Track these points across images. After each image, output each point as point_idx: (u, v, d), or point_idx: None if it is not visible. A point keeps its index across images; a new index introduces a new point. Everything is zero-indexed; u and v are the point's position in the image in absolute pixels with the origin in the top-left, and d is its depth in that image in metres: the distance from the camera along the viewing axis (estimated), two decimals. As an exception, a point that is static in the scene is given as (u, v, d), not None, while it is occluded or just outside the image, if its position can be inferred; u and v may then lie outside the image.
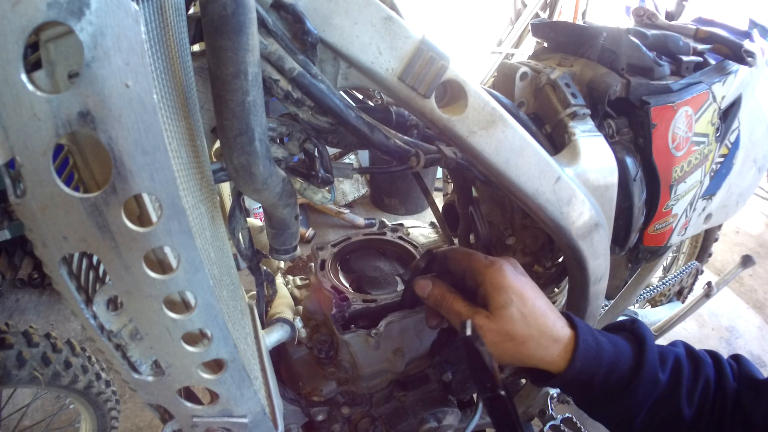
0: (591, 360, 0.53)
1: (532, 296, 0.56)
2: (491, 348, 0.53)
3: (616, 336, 0.57)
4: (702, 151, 0.81)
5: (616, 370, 0.53)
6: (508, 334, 0.54)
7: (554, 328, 0.55)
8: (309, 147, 0.54)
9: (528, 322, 0.54)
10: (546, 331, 0.54)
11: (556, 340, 0.54)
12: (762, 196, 3.41)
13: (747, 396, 0.52)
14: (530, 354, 0.54)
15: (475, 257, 0.60)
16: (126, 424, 1.65)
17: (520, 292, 0.55)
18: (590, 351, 0.53)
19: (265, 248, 0.75)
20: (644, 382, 0.52)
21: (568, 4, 3.37)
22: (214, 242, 0.44)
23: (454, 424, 0.87)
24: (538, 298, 0.57)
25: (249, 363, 0.45)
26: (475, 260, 0.59)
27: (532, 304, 0.55)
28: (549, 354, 0.54)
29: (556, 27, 0.82)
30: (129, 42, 0.24)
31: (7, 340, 1.11)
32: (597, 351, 0.53)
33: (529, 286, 0.57)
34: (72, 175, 0.35)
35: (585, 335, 0.54)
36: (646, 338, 0.55)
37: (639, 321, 0.59)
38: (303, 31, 0.44)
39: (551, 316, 0.56)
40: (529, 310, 0.54)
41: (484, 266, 0.57)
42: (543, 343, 0.54)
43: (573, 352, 0.53)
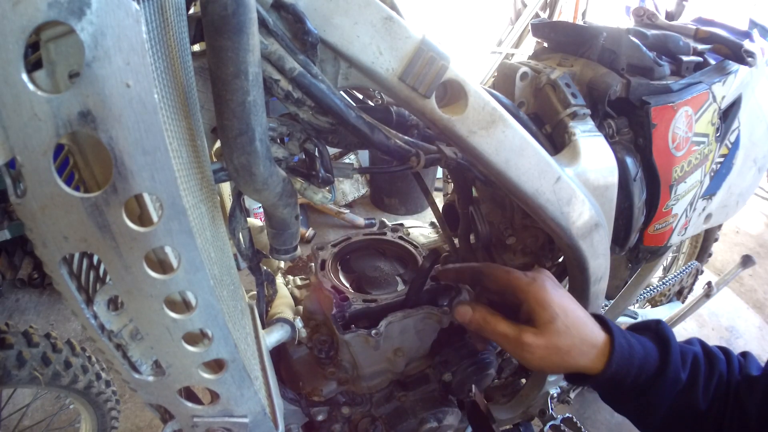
0: (625, 362, 0.56)
1: (572, 307, 0.58)
2: (539, 362, 0.57)
3: (642, 337, 0.60)
4: (702, 151, 0.81)
5: (644, 370, 0.57)
6: (555, 347, 0.56)
7: (592, 334, 0.58)
8: (309, 147, 0.54)
9: (571, 333, 0.56)
10: (586, 339, 0.57)
11: (594, 346, 0.57)
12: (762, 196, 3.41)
13: (744, 389, 0.56)
14: (574, 362, 0.57)
15: (515, 275, 0.61)
16: (126, 424, 1.65)
17: (562, 306, 0.57)
18: (624, 353, 0.57)
19: (265, 248, 0.76)
20: (668, 380, 0.56)
21: (568, 4, 3.37)
22: (215, 242, 0.44)
23: (454, 424, 0.87)
24: (577, 308, 0.59)
25: (249, 363, 0.45)
26: (516, 278, 0.60)
27: (574, 314, 0.57)
28: (589, 359, 0.57)
29: (556, 27, 0.82)
30: (130, 42, 0.24)
31: (7, 340, 1.11)
32: (630, 353, 0.57)
33: (567, 297, 0.60)
34: (72, 175, 0.35)
35: (619, 339, 0.57)
36: (671, 339, 0.58)
37: (663, 322, 0.62)
38: (303, 31, 0.44)
39: (589, 323, 0.58)
40: (571, 321, 0.57)
41: (526, 284, 0.59)
42: (584, 350, 0.57)
43: (609, 355, 0.56)
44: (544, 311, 0.57)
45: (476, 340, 0.69)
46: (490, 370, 0.87)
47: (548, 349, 0.56)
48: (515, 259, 0.85)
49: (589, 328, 0.58)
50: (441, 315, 0.78)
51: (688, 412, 0.57)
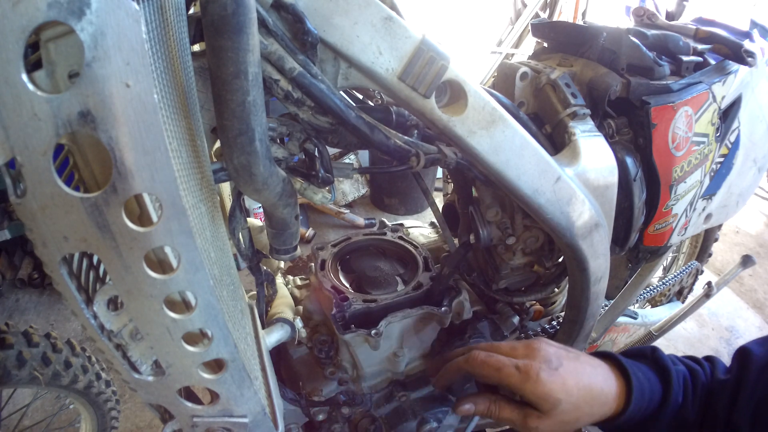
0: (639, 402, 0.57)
1: (574, 382, 0.56)
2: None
3: (644, 367, 0.60)
4: (702, 151, 0.81)
5: (651, 403, 0.58)
6: (563, 423, 0.57)
7: (602, 394, 0.57)
8: (309, 147, 0.54)
9: (579, 406, 0.56)
10: (596, 403, 0.57)
11: (605, 403, 0.57)
12: (762, 196, 3.41)
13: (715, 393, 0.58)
14: (585, 423, 0.58)
15: (505, 372, 0.58)
16: (126, 424, 1.65)
17: (564, 388, 0.55)
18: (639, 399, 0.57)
19: (265, 248, 0.76)
20: (670, 408, 0.57)
21: (568, 4, 3.37)
22: (215, 242, 0.44)
23: (454, 424, 0.87)
24: (582, 377, 0.57)
25: (249, 363, 0.45)
26: (507, 376, 0.57)
27: (578, 390, 0.56)
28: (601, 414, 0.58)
29: (556, 27, 0.82)
30: (129, 42, 0.24)
31: (7, 340, 1.11)
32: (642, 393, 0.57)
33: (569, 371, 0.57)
34: (72, 175, 0.35)
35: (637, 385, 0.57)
36: (670, 369, 0.59)
37: (658, 350, 0.62)
38: (303, 31, 0.44)
39: (598, 385, 0.57)
40: (576, 398, 0.56)
41: (520, 382, 0.56)
42: (595, 411, 0.57)
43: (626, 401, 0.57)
44: (546, 402, 0.55)
45: None
46: (490, 370, 0.87)
47: (557, 425, 0.56)
48: (515, 259, 0.85)
49: (597, 390, 0.57)
50: (441, 315, 0.78)
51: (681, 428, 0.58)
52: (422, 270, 0.84)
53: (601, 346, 1.13)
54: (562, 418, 0.56)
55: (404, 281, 0.85)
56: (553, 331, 1.00)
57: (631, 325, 1.25)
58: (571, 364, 0.58)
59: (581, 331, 0.85)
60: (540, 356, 0.58)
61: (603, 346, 1.14)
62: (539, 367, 0.56)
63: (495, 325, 0.94)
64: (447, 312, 0.78)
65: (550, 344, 0.61)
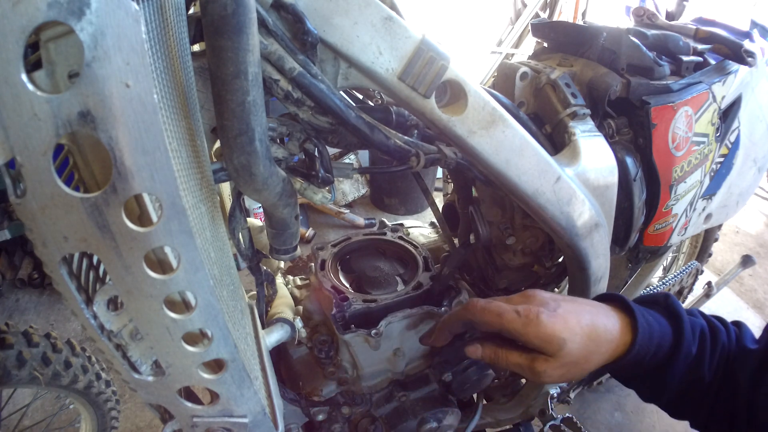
0: (646, 342, 0.56)
1: (576, 320, 0.56)
2: (560, 380, 0.57)
3: (655, 313, 0.59)
4: (702, 151, 0.81)
5: (661, 347, 0.57)
6: (572, 364, 0.56)
7: (607, 332, 0.56)
8: (309, 147, 0.54)
9: (585, 345, 0.55)
10: (602, 341, 0.56)
11: (612, 341, 0.56)
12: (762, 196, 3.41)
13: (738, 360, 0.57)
14: (595, 364, 0.57)
15: (507, 318, 0.57)
16: (126, 424, 1.65)
17: (567, 328, 0.55)
18: (645, 335, 0.56)
19: (265, 248, 0.76)
20: (682, 355, 0.56)
21: (568, 4, 3.37)
22: (215, 242, 0.44)
23: (454, 424, 0.87)
24: (582, 315, 0.57)
25: (249, 363, 0.45)
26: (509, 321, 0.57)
27: (581, 328, 0.55)
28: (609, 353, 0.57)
29: (556, 27, 0.82)
30: (129, 42, 0.24)
31: (7, 340, 1.11)
32: (650, 333, 0.56)
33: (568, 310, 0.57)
34: (72, 175, 0.35)
35: (641, 320, 0.56)
36: (682, 314, 0.58)
37: (672, 296, 0.61)
38: (303, 31, 0.44)
39: (600, 322, 0.56)
40: (580, 336, 0.55)
41: (522, 326, 0.56)
42: (603, 350, 0.56)
43: (632, 340, 0.56)
44: (550, 344, 0.55)
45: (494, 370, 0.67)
46: (490, 370, 0.87)
47: (565, 368, 0.56)
48: (515, 259, 0.85)
49: (601, 327, 0.56)
50: (441, 315, 0.78)
51: (696, 385, 0.57)
52: (422, 270, 0.84)
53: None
54: (570, 358, 0.55)
55: (404, 281, 0.85)
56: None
57: (631, 325, 1.24)
58: (570, 305, 0.58)
59: (581, 331, 0.85)
60: (537, 300, 0.58)
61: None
62: (538, 310, 0.56)
63: (495, 325, 0.94)
64: (447, 312, 0.78)
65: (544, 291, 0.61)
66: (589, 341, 0.55)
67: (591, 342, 0.55)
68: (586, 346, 0.55)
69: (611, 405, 1.78)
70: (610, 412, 1.76)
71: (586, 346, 0.55)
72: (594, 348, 0.56)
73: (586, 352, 0.55)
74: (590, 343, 0.55)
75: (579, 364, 0.56)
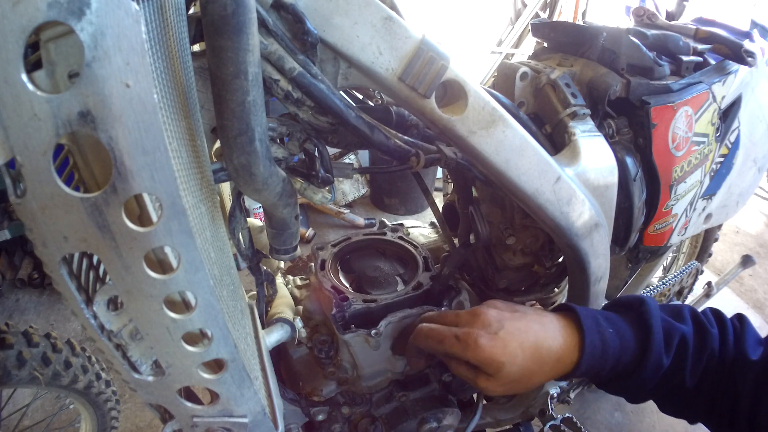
0: (596, 361, 0.56)
1: (517, 343, 0.56)
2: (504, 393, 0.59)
3: (622, 322, 0.59)
4: (702, 151, 0.81)
5: (621, 362, 0.57)
6: (512, 382, 0.57)
7: (550, 353, 0.57)
8: (309, 147, 0.54)
9: (526, 366, 0.56)
10: (545, 361, 0.57)
11: (557, 360, 0.57)
12: (762, 196, 3.41)
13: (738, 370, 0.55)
14: (539, 381, 0.58)
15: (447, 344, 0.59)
16: (126, 424, 1.65)
17: (505, 352, 0.56)
18: (595, 355, 0.56)
19: (265, 248, 0.75)
20: (648, 368, 0.56)
21: (568, 4, 3.37)
22: (215, 242, 0.44)
23: (454, 424, 0.87)
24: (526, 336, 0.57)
25: (249, 363, 0.45)
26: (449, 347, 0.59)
27: (522, 350, 0.56)
28: (553, 372, 0.58)
29: (556, 27, 0.82)
30: (129, 42, 0.24)
31: (7, 340, 1.11)
32: (602, 351, 0.56)
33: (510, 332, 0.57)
34: (72, 175, 0.35)
35: (591, 338, 0.56)
36: (652, 325, 0.57)
37: (646, 302, 0.59)
38: (303, 31, 0.44)
39: (545, 343, 0.57)
40: (521, 359, 0.56)
41: (461, 350, 0.58)
42: (546, 369, 0.57)
43: (578, 360, 0.56)
44: (488, 366, 0.56)
45: None
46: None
47: (507, 385, 0.57)
48: (515, 259, 0.85)
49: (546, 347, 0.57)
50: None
51: (676, 391, 0.57)
52: (422, 270, 0.84)
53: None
54: (510, 378, 0.56)
55: (404, 281, 0.85)
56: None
57: (631, 325, 1.24)
58: (515, 325, 0.58)
59: (581, 331, 0.85)
60: (479, 322, 0.59)
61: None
62: (477, 334, 0.57)
63: (495, 325, 0.94)
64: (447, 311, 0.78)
65: (494, 306, 0.61)
66: (531, 362, 0.56)
67: (533, 363, 0.56)
68: (526, 367, 0.56)
69: (611, 405, 1.78)
70: (610, 412, 1.76)
71: (527, 367, 0.56)
72: (536, 368, 0.57)
73: (527, 372, 0.56)
74: (532, 365, 0.56)
75: (521, 382, 0.57)
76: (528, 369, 0.56)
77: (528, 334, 0.57)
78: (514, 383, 0.57)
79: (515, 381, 0.57)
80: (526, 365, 0.56)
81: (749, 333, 0.58)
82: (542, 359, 0.57)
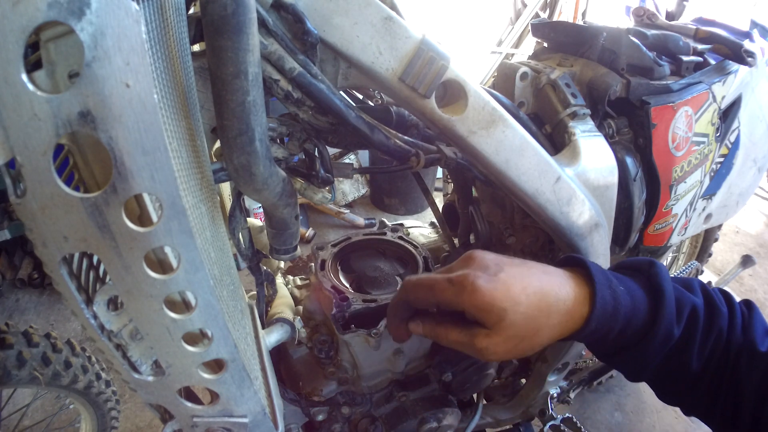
0: (607, 318, 0.49)
1: (520, 287, 0.48)
2: (507, 357, 0.50)
3: (633, 283, 0.52)
4: (702, 151, 0.81)
5: (631, 324, 0.50)
6: (517, 338, 0.48)
7: (558, 302, 0.49)
8: (309, 147, 0.54)
9: (532, 315, 0.48)
10: (553, 311, 0.48)
11: (566, 312, 0.49)
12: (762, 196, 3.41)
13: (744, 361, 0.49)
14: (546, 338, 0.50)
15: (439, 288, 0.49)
16: (126, 424, 1.65)
17: (508, 296, 0.47)
18: (607, 310, 0.49)
19: (265, 248, 0.76)
20: (658, 337, 0.49)
21: (568, 4, 3.37)
22: (215, 242, 0.44)
23: (454, 424, 0.87)
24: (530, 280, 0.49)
25: (249, 363, 0.45)
26: (441, 291, 0.49)
27: (526, 296, 0.48)
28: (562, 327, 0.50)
29: (556, 27, 0.82)
30: (129, 42, 0.24)
31: (7, 340, 1.11)
32: (614, 307, 0.49)
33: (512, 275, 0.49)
34: (72, 175, 0.35)
35: (602, 291, 0.49)
36: (665, 289, 0.50)
37: (657, 264, 0.53)
38: (303, 31, 0.44)
39: (552, 291, 0.49)
40: (525, 306, 0.47)
41: (455, 295, 0.48)
42: (553, 323, 0.49)
43: (588, 314, 0.49)
44: (489, 314, 0.47)
45: None
46: (490, 370, 0.87)
47: (509, 342, 0.48)
48: (515, 259, 0.85)
49: (553, 295, 0.48)
50: (441, 315, 0.78)
51: (680, 372, 0.51)
52: (422, 270, 0.84)
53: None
54: (514, 332, 0.47)
55: (404, 281, 0.85)
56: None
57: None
58: (515, 269, 0.49)
59: (581, 331, 0.85)
60: (476, 264, 0.50)
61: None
62: (475, 275, 0.47)
63: (495, 325, 0.94)
64: (447, 312, 0.78)
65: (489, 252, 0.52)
66: (538, 312, 0.48)
67: (539, 312, 0.48)
68: (532, 316, 0.47)
69: (611, 405, 1.78)
70: (610, 412, 1.76)
71: (533, 317, 0.47)
72: (543, 320, 0.48)
73: (533, 324, 0.48)
74: (538, 314, 0.48)
75: (526, 338, 0.48)
76: (534, 319, 0.47)
77: (532, 278, 0.49)
78: (519, 339, 0.48)
79: (519, 336, 0.48)
80: (531, 314, 0.47)
81: (758, 321, 0.51)
82: (550, 308, 0.48)
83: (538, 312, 0.48)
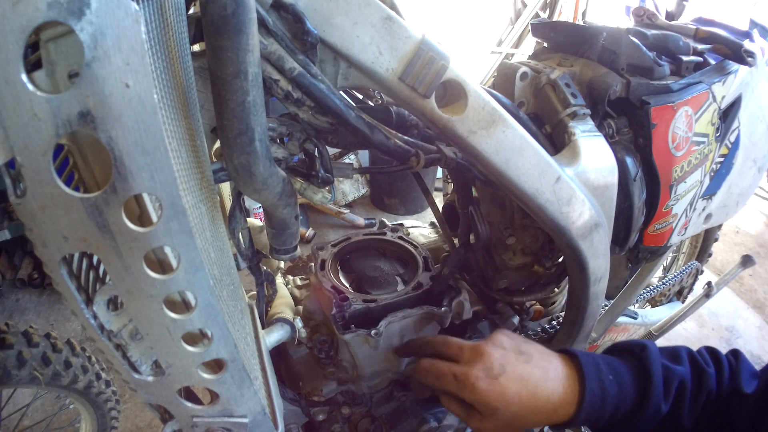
0: (595, 410, 0.55)
1: (515, 391, 0.56)
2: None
3: (623, 367, 0.58)
4: (702, 151, 0.81)
5: (619, 409, 0.56)
6: (505, 426, 0.57)
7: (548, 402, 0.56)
8: (309, 147, 0.54)
9: (519, 413, 0.56)
10: (541, 411, 0.56)
11: (553, 411, 0.56)
12: (762, 196, 3.41)
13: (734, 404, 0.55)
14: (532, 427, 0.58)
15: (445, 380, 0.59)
16: (126, 424, 1.65)
17: (502, 399, 0.55)
18: (595, 403, 0.55)
19: (265, 248, 0.76)
20: (647, 416, 0.55)
21: (568, 4, 3.37)
22: (215, 242, 0.44)
23: (454, 424, 0.87)
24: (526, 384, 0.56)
25: (249, 363, 0.45)
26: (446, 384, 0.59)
27: (519, 399, 0.56)
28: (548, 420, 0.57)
29: (556, 27, 0.82)
30: (129, 42, 0.24)
31: (7, 340, 1.11)
32: (602, 399, 0.56)
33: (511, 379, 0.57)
34: (72, 175, 0.35)
35: (591, 385, 0.56)
36: (653, 373, 0.56)
37: (648, 348, 0.59)
38: (303, 31, 0.44)
39: (543, 393, 0.56)
40: (516, 406, 0.55)
41: (457, 389, 0.58)
42: (540, 418, 0.57)
43: (577, 407, 0.56)
44: (484, 408, 0.56)
45: None
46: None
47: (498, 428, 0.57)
48: (515, 259, 0.85)
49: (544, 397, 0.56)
50: (441, 315, 0.78)
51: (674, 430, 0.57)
52: (422, 270, 0.84)
53: (601, 345, 1.13)
54: (503, 423, 0.56)
55: (404, 281, 0.85)
56: (553, 331, 1.00)
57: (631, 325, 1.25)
58: (517, 370, 0.57)
59: (581, 331, 0.85)
60: (482, 363, 0.58)
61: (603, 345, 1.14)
62: (476, 376, 0.57)
63: (495, 325, 0.94)
64: (447, 312, 0.78)
65: (499, 346, 0.60)
66: (526, 411, 0.56)
67: (527, 412, 0.56)
68: (520, 415, 0.56)
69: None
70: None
71: (520, 415, 0.56)
72: (529, 417, 0.56)
73: (519, 420, 0.56)
74: (526, 413, 0.56)
75: (513, 427, 0.57)
76: (521, 417, 0.56)
77: (528, 382, 0.57)
78: (506, 427, 0.57)
79: (507, 425, 0.57)
80: (520, 413, 0.56)
81: (744, 367, 0.57)
82: (537, 409, 0.56)
83: (526, 411, 0.56)
